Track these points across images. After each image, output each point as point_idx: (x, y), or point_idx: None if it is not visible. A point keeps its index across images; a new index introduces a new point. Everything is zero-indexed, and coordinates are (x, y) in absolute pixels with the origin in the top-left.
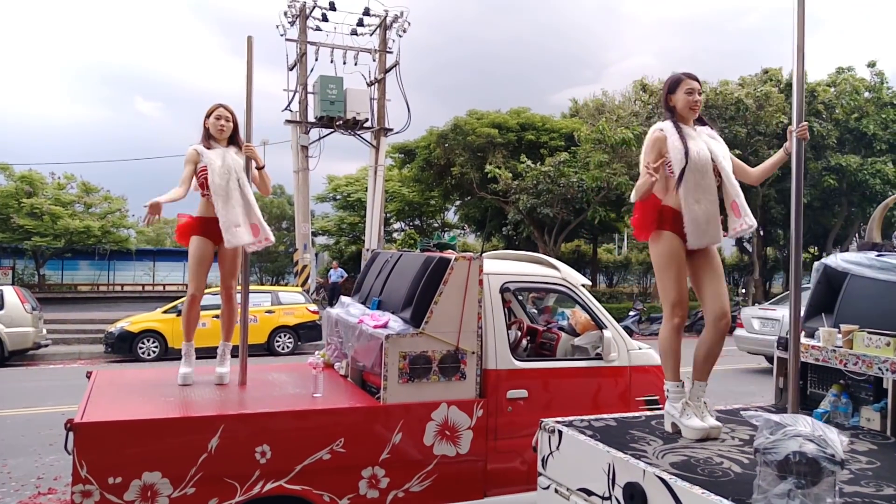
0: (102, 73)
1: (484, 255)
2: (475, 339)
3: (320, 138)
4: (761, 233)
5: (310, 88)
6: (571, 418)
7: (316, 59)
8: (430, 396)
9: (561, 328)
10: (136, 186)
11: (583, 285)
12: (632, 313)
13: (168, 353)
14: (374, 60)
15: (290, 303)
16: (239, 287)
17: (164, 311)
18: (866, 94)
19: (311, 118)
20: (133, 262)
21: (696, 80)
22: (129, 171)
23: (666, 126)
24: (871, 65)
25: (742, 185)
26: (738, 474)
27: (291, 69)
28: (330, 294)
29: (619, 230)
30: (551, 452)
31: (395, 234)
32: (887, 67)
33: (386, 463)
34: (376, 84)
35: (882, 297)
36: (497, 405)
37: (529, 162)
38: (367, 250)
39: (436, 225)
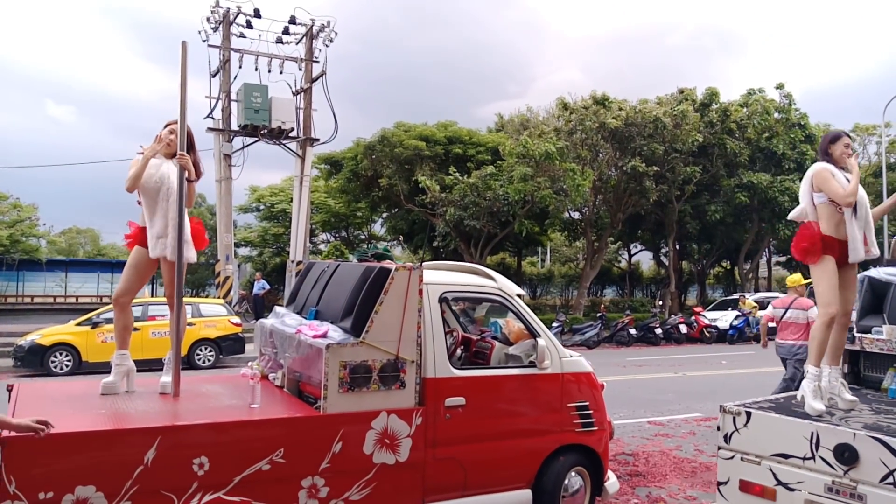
0: (8, 75)
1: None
2: (415, 348)
3: (244, 147)
4: (677, 247)
5: (233, 96)
6: (750, 401)
7: (240, 67)
8: (369, 405)
9: (494, 337)
10: (48, 194)
11: (518, 295)
12: (555, 324)
13: (82, 367)
14: (300, 69)
15: (212, 315)
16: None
17: (78, 324)
18: (776, 115)
19: (234, 126)
20: (44, 272)
21: (850, 136)
22: (40, 179)
23: (830, 168)
24: (780, 87)
25: (662, 202)
26: None
27: (214, 76)
28: (253, 306)
29: (542, 243)
30: (736, 429)
31: (321, 246)
32: (795, 89)
33: (326, 472)
34: (302, 93)
35: None
36: (436, 413)
37: (457, 174)
38: (292, 262)
39: (362, 237)
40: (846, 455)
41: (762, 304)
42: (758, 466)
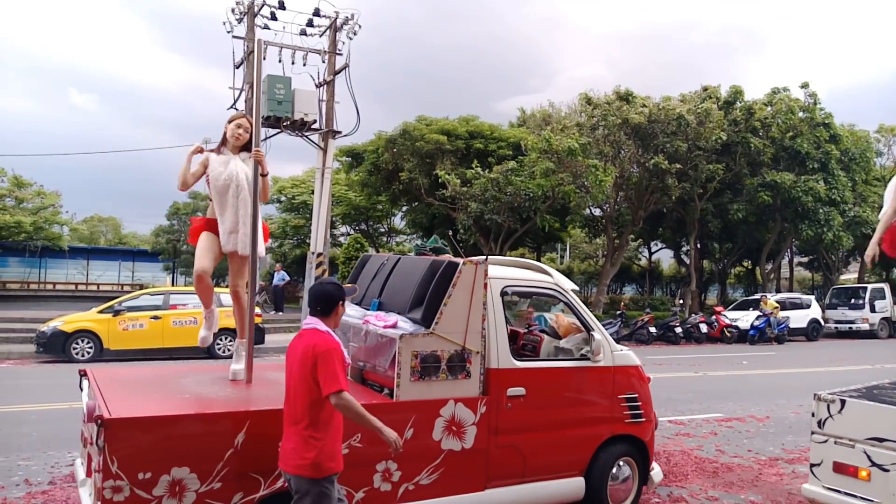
0: (31, 63)
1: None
2: (479, 340)
3: (266, 138)
4: (698, 246)
5: None
6: (841, 389)
7: (264, 58)
8: (438, 394)
9: (542, 331)
10: (71, 182)
11: (572, 290)
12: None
13: (103, 354)
14: (323, 62)
15: (232, 305)
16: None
17: (100, 311)
18: (800, 114)
19: None
20: (66, 259)
21: None
22: (63, 167)
23: None
24: (805, 86)
25: (684, 199)
26: None
27: (238, 67)
28: (273, 297)
29: (562, 240)
30: (830, 416)
31: (340, 238)
32: (820, 89)
33: (398, 457)
34: (325, 85)
35: None
36: (498, 402)
37: (478, 169)
38: (312, 253)
39: (382, 230)
40: None
41: (783, 305)
42: (851, 449)
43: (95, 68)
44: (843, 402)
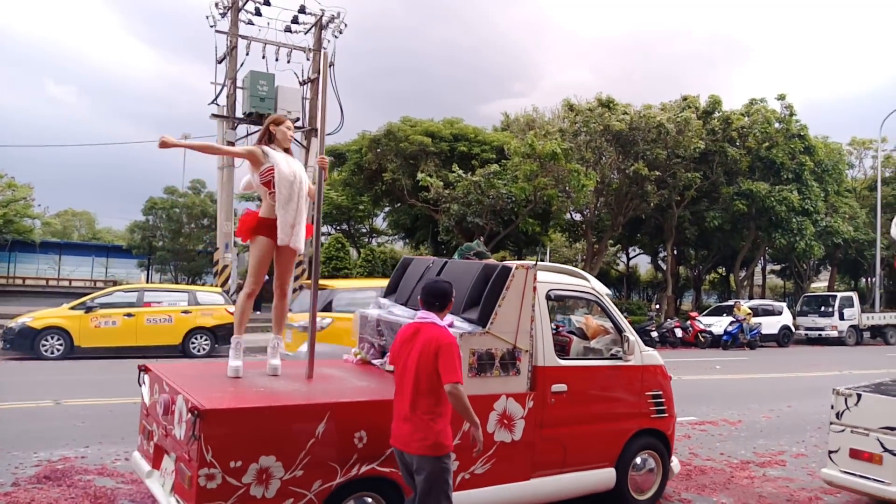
0: (5, 52)
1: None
2: (528, 339)
3: (248, 135)
4: (675, 252)
5: (239, 83)
6: (856, 385)
7: (247, 54)
8: (492, 389)
9: (571, 332)
10: (45, 175)
11: (607, 294)
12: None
13: (73, 352)
14: (307, 59)
15: (209, 303)
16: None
17: (72, 308)
18: (776, 125)
19: (238, 114)
20: (37, 254)
21: None
22: (37, 159)
23: None
24: (781, 97)
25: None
26: None
27: (220, 62)
28: None
29: (543, 243)
30: (847, 408)
31: (321, 238)
32: (796, 100)
33: (457, 448)
34: (309, 83)
35: None
36: (544, 397)
37: (461, 172)
38: None
39: (364, 230)
40: None
41: (756, 311)
42: (866, 437)
43: (73, 60)
44: (859, 396)
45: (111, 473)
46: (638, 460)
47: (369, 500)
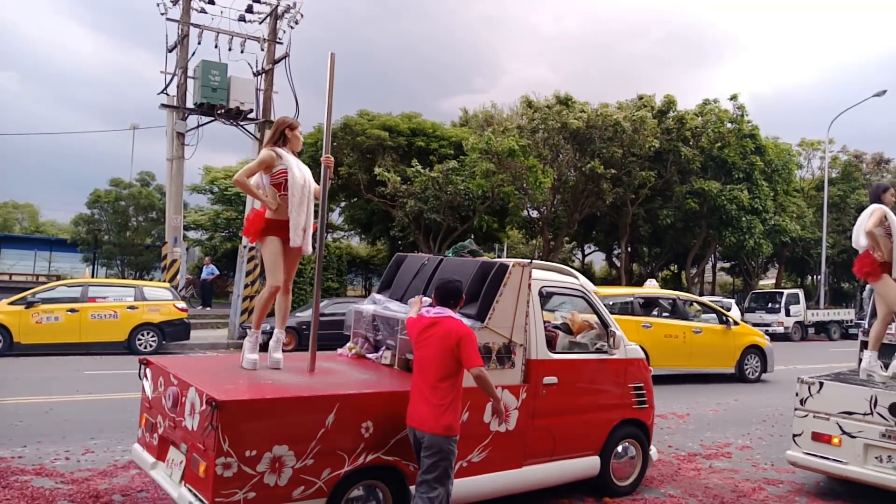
0: None
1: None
2: (523, 334)
3: (199, 126)
4: (629, 249)
5: (190, 73)
6: (816, 374)
7: (199, 43)
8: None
9: (556, 327)
10: None
11: (593, 291)
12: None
13: (12, 349)
14: (262, 50)
15: (156, 299)
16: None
17: (11, 303)
18: (728, 125)
19: (189, 104)
20: None
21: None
22: None
23: (884, 209)
24: (734, 98)
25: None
26: None
27: (171, 51)
28: (201, 291)
29: (500, 240)
30: (810, 395)
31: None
32: (747, 101)
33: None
34: (263, 74)
35: None
36: (536, 389)
37: (419, 167)
38: (244, 247)
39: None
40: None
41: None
42: (827, 421)
43: (14, 46)
44: (821, 384)
45: (50, 473)
46: (620, 448)
47: (375, 487)
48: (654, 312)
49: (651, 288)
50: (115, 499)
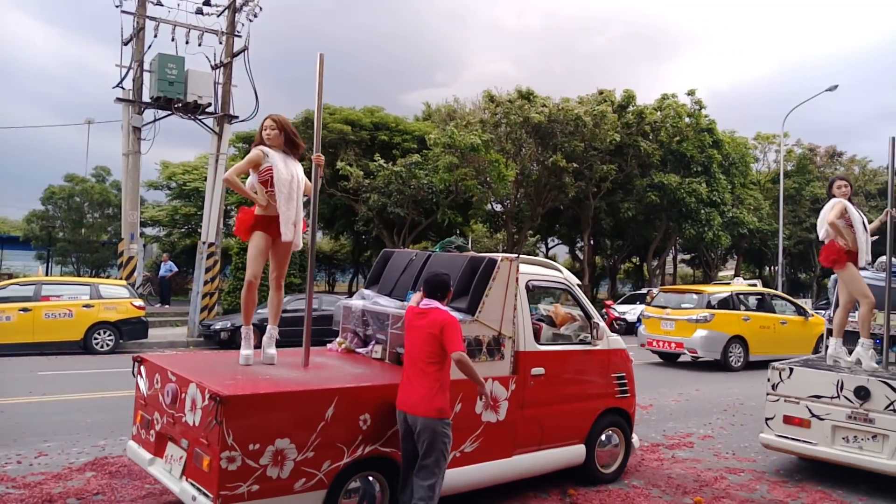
0: None
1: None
2: (511, 327)
3: (155, 120)
4: (591, 242)
5: (146, 66)
6: (784, 360)
7: (155, 36)
8: (480, 373)
9: (540, 320)
10: None
11: (578, 285)
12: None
13: None
14: (220, 43)
15: (112, 297)
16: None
17: None
18: (687, 120)
19: (146, 98)
20: None
21: (846, 179)
22: None
23: (843, 201)
24: (691, 93)
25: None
26: None
27: (126, 44)
28: (159, 288)
29: (464, 234)
30: (781, 380)
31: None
32: (704, 96)
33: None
34: (222, 68)
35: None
36: (524, 380)
37: (382, 161)
38: (204, 244)
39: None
40: (862, 393)
41: None
42: (797, 405)
43: None
44: (791, 370)
45: (0, 478)
46: (604, 437)
47: (372, 478)
48: (743, 307)
49: (739, 285)
50: (69, 503)
